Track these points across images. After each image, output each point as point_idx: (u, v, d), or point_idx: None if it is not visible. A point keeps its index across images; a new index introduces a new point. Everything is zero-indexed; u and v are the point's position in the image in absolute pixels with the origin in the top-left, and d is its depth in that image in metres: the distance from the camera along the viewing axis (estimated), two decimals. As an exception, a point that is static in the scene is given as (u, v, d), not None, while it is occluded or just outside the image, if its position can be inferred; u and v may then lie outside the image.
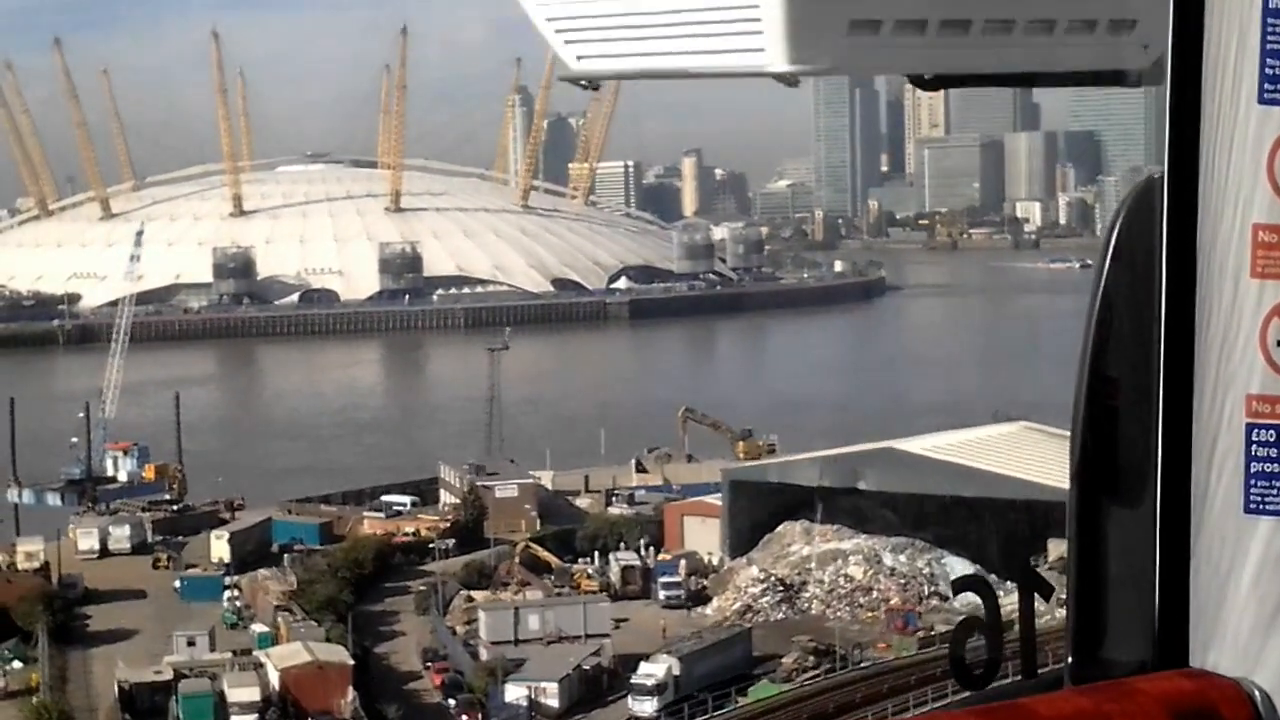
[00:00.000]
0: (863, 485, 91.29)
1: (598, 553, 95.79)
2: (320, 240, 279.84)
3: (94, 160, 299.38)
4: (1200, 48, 3.18)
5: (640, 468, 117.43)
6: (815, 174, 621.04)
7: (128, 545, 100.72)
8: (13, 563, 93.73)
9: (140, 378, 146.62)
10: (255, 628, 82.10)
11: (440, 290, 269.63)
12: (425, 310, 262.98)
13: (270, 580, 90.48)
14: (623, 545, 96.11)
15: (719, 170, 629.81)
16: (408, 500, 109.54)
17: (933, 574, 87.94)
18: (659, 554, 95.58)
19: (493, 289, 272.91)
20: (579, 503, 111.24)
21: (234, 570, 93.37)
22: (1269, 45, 3.15)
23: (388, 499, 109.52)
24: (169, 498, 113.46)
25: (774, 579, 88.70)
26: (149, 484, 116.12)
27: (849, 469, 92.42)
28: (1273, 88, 3.16)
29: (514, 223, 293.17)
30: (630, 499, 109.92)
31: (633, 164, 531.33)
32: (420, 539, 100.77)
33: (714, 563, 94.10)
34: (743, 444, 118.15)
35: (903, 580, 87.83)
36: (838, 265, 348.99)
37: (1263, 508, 3.24)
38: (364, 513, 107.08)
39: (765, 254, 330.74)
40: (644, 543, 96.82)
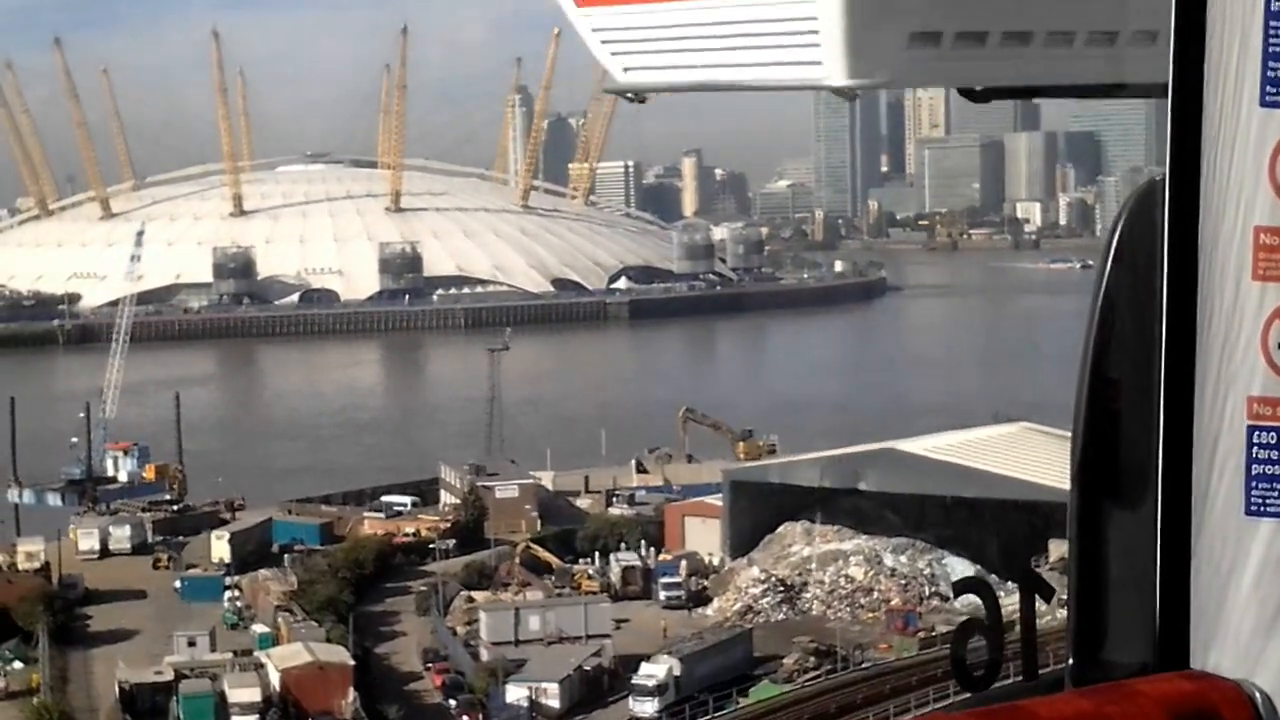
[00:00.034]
0: (863, 486, 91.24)
1: (598, 553, 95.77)
2: (320, 240, 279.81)
3: (94, 160, 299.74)
4: (1202, 50, 3.19)
5: (641, 468, 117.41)
6: (815, 174, 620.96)
7: (128, 545, 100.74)
8: (13, 563, 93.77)
9: (140, 378, 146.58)
10: (256, 628, 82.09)
11: (440, 290, 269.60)
12: (425, 310, 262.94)
13: (271, 581, 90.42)
14: (623, 546, 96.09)
15: (719, 170, 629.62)
16: (408, 501, 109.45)
17: (933, 574, 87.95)
18: (659, 554, 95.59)
19: (493, 289, 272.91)
20: (579, 503, 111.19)
21: (234, 570, 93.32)
22: (1271, 48, 3.15)
23: (388, 499, 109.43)
24: (169, 498, 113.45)
25: (775, 579, 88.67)
26: (149, 484, 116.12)
27: (850, 470, 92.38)
28: (1274, 90, 3.17)
29: (514, 223, 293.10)
30: (631, 499, 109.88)
31: (633, 164, 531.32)
32: (421, 539, 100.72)
33: (714, 563, 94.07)
34: (743, 444, 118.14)
35: (903, 581, 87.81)
36: (838, 265, 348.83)
37: (1264, 509, 3.26)
38: (364, 513, 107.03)
39: (765, 254, 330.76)
40: (644, 543, 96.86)
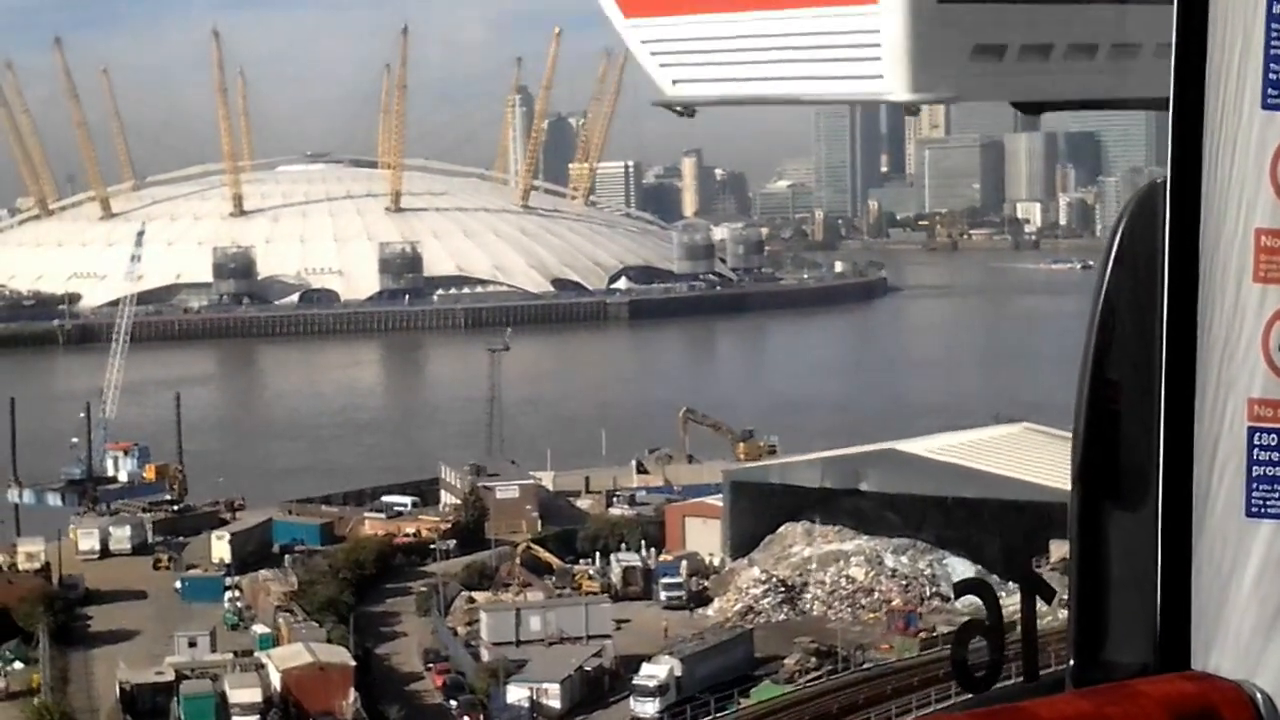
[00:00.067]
0: (864, 486, 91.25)
1: (599, 554, 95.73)
2: (320, 240, 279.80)
3: (94, 160, 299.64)
4: (1204, 52, 3.19)
5: (641, 469, 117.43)
6: (815, 174, 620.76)
7: (128, 546, 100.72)
8: (14, 563, 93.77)
9: (140, 378, 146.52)
10: (256, 628, 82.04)
11: (440, 290, 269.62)
12: (425, 310, 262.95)
13: (271, 581, 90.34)
14: (624, 546, 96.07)
15: (719, 170, 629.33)
16: (408, 501, 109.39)
17: (934, 575, 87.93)
18: (660, 555, 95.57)
19: (493, 289, 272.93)
20: (580, 504, 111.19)
21: (235, 571, 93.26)
22: (1272, 50, 3.15)
23: (388, 500, 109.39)
24: (170, 498, 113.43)
25: (775, 580, 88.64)
26: (149, 484, 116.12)
27: (850, 470, 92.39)
28: (1276, 93, 3.17)
29: (514, 223, 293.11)
30: (631, 500, 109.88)
31: (633, 164, 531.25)
32: (421, 540, 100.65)
33: (715, 564, 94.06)
34: (743, 445, 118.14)
35: (904, 581, 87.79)
36: (838, 266, 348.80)
37: (1264, 511, 3.28)
38: (365, 513, 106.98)
39: (765, 254, 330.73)
40: (645, 544, 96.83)
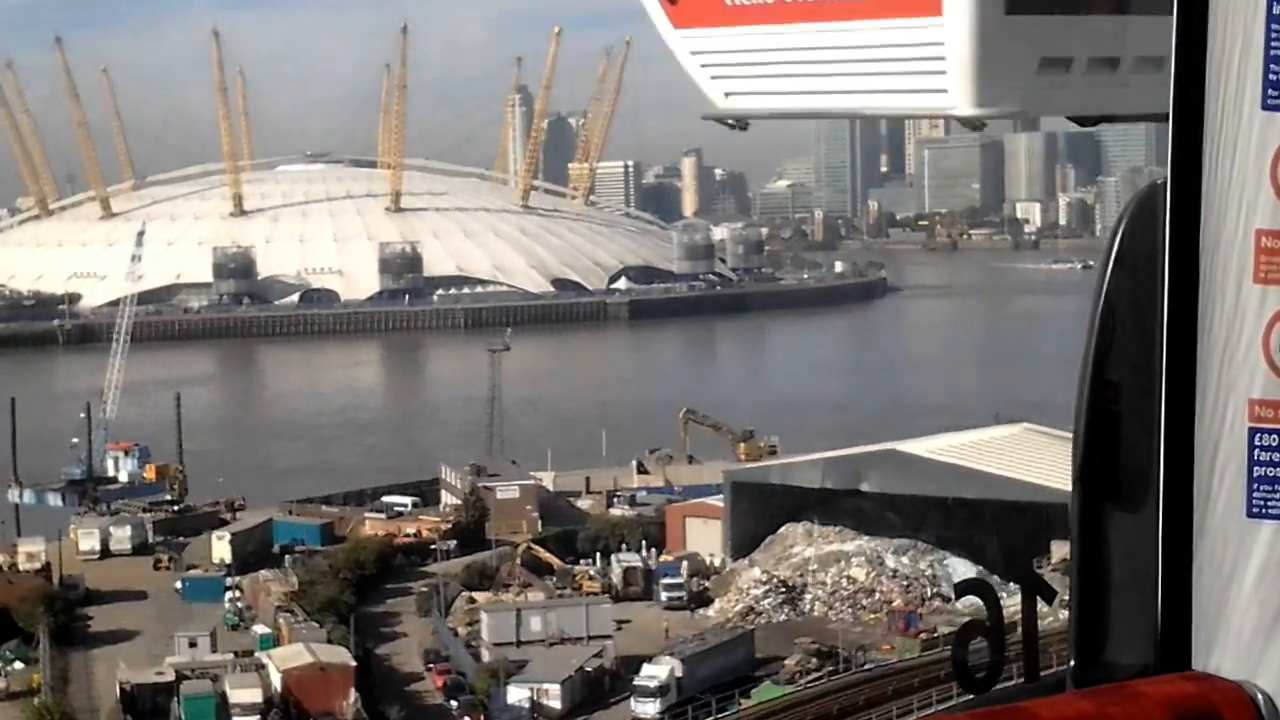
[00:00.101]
0: (865, 487, 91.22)
1: (599, 554, 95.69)
2: (320, 240, 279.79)
3: (94, 160, 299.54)
4: (1204, 53, 3.18)
5: (641, 469, 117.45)
6: (815, 174, 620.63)
7: (129, 546, 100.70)
8: (14, 563, 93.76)
9: (140, 378, 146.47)
10: (257, 629, 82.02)
11: (440, 290, 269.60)
12: (425, 310, 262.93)
13: (272, 581, 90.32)
14: (624, 547, 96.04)
15: (719, 170, 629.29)
16: (409, 501, 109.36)
17: (935, 576, 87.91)
18: (661, 555, 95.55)
19: (493, 289, 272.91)
20: (580, 504, 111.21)
21: (235, 571, 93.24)
22: (1273, 51, 3.15)
23: (389, 500, 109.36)
24: (170, 498, 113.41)
25: (776, 580, 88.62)
26: (150, 484, 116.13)
27: (851, 470, 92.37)
28: (1276, 94, 3.17)
29: (514, 223, 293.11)
30: (632, 500, 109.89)
31: (632, 164, 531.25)
32: (421, 540, 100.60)
33: (716, 564, 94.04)
34: (744, 445, 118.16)
35: (905, 582, 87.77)
36: (838, 266, 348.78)
37: (1265, 512, 3.28)
38: (365, 514, 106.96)
39: (765, 254, 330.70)
40: (645, 544, 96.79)
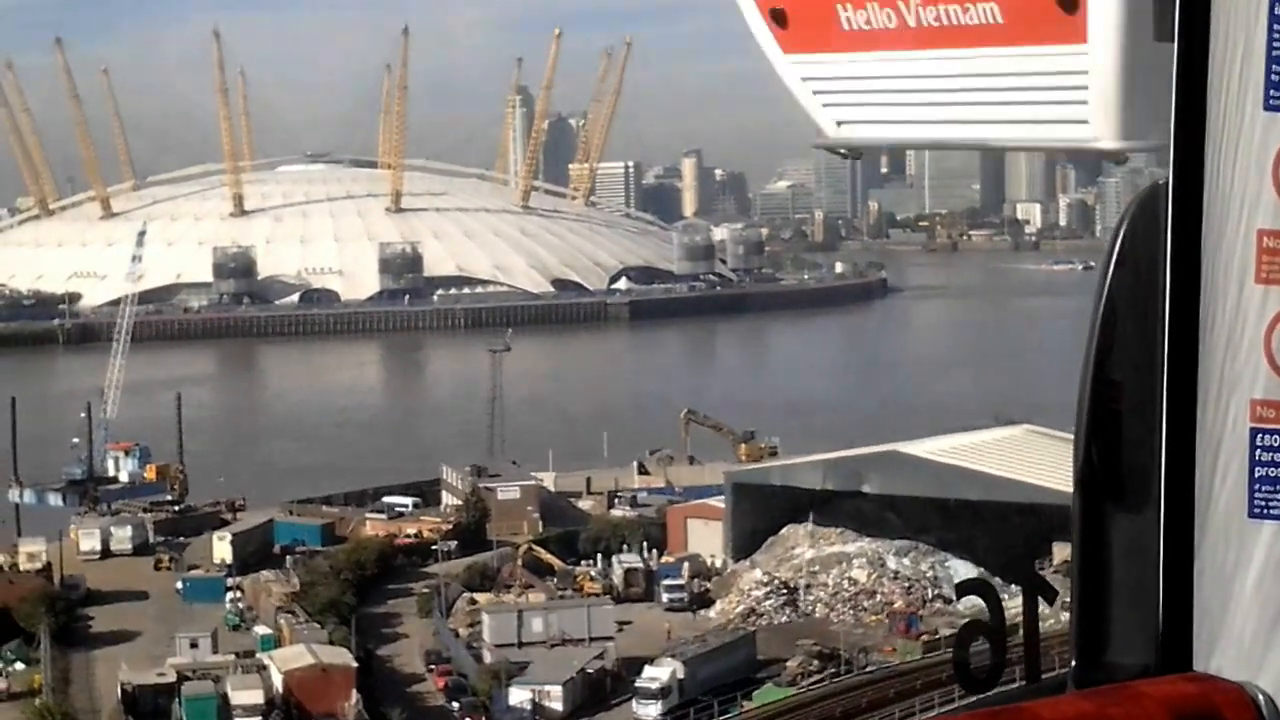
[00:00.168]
0: (866, 488, 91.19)
1: (600, 555, 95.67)
2: (321, 240, 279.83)
3: (94, 160, 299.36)
4: (1206, 53, 3.17)
5: (643, 470, 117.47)
6: (815, 175, 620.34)
7: (129, 546, 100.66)
8: (15, 563, 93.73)
9: (140, 377, 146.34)
10: (258, 629, 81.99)
11: (440, 290, 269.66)
12: (425, 310, 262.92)
13: (273, 582, 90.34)
14: (625, 547, 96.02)
15: (719, 171, 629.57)
16: (409, 502, 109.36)
17: (936, 577, 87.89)
18: (662, 556, 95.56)
19: (493, 289, 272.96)
20: (581, 505, 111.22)
21: (236, 572, 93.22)
22: (1274, 52, 3.14)
23: (389, 500, 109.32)
24: (170, 498, 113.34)
25: (777, 582, 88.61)
26: (150, 484, 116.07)
27: (852, 472, 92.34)
28: (1278, 94, 3.16)
29: (514, 223, 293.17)
30: (633, 501, 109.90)
31: (633, 164, 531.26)
32: (422, 541, 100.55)
33: (717, 565, 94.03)
34: (745, 446, 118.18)
35: (906, 583, 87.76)
36: (838, 266, 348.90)
37: (1267, 512, 3.28)
38: (366, 514, 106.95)
39: (765, 255, 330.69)
40: (646, 545, 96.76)
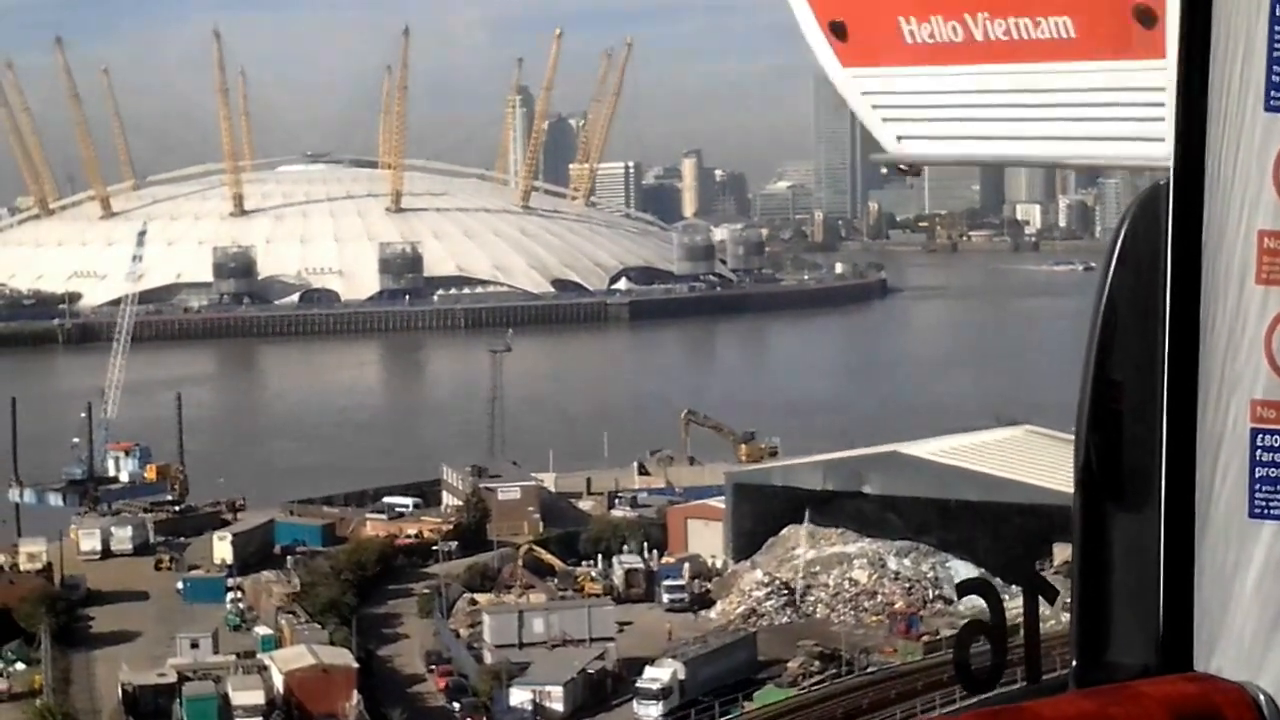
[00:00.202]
0: (867, 489, 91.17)
1: (601, 556, 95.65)
2: (321, 240, 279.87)
3: (94, 159, 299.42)
4: (1207, 54, 3.18)
5: (643, 470, 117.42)
6: (815, 175, 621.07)
7: (130, 546, 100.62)
8: (15, 564, 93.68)
9: (140, 377, 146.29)
10: (258, 630, 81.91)
11: (440, 290, 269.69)
12: (425, 310, 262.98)
13: (273, 582, 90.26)
14: (626, 548, 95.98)
15: (719, 171, 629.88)
16: (410, 502, 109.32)
17: (937, 578, 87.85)
18: (662, 557, 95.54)
19: (493, 289, 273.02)
20: (582, 505, 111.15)
21: (236, 572, 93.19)
22: (1275, 53, 3.15)
23: (390, 501, 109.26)
24: (171, 498, 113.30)
25: (778, 582, 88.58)
26: (150, 484, 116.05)
27: (853, 472, 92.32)
28: (1278, 95, 3.17)
29: (514, 223, 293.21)
30: (633, 501, 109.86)
31: (633, 165, 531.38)
32: (423, 541, 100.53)
33: (718, 566, 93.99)
34: (745, 447, 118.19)
35: (907, 584, 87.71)
36: (838, 267, 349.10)
37: (1267, 512, 3.29)
38: (366, 514, 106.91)
39: (765, 255, 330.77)
40: (647, 546, 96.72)
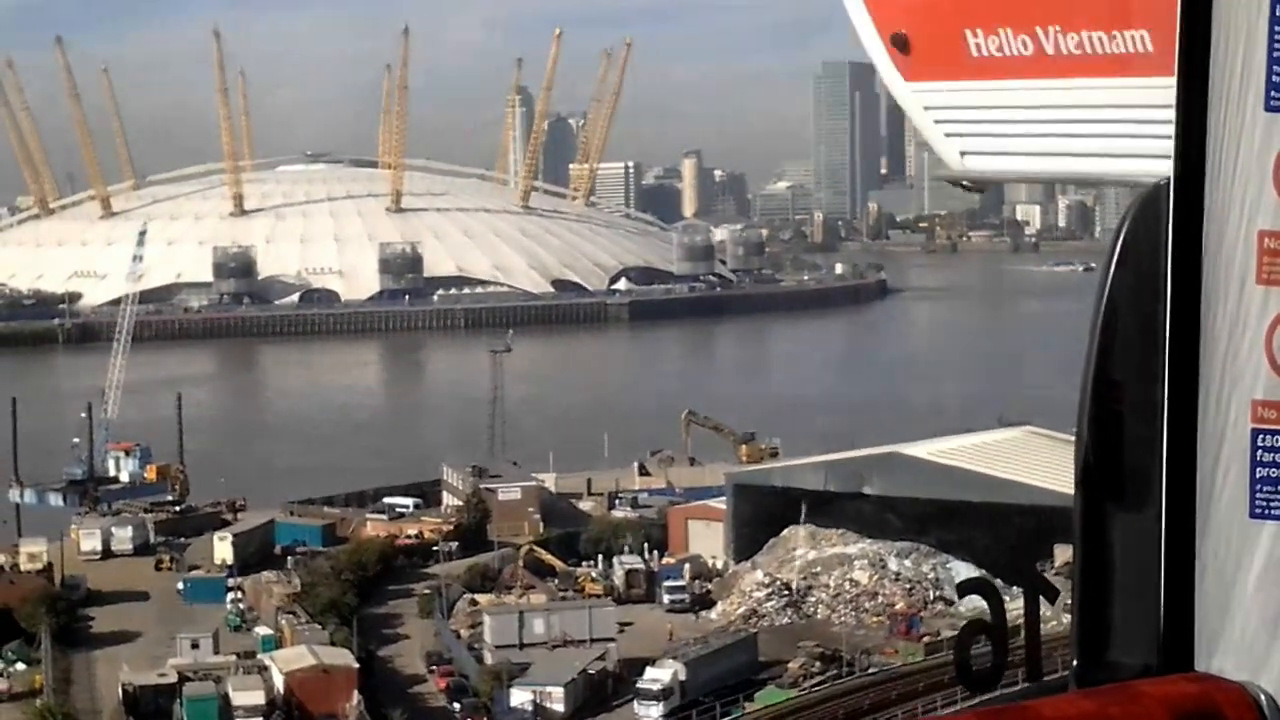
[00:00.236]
0: (868, 490, 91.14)
1: (601, 556, 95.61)
2: (321, 240, 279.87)
3: (94, 159, 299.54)
4: (1208, 55, 3.19)
5: (643, 470, 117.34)
6: (815, 176, 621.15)
7: (130, 546, 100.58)
8: (15, 564, 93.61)
9: (140, 377, 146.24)
10: (259, 630, 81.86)
11: (440, 290, 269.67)
12: (426, 311, 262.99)
13: (274, 583, 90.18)
14: (626, 549, 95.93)
15: (718, 171, 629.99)
16: (410, 502, 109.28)
17: (938, 579, 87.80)
18: (663, 558, 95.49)
19: (493, 289, 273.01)
20: (582, 506, 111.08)
21: (237, 572, 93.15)
22: (1275, 53, 3.15)
23: (390, 501, 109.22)
24: (171, 499, 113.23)
25: (779, 583, 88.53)
26: (151, 485, 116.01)
27: (854, 473, 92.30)
28: (1279, 94, 3.18)
29: (514, 223, 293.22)
30: (634, 502, 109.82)
31: (633, 165, 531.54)
32: (423, 541, 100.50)
33: (718, 567, 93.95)
34: (745, 447, 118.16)
35: (908, 585, 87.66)
36: (838, 268, 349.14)
37: (1268, 512, 3.29)
38: (367, 515, 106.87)
39: (765, 256, 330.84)
40: (647, 546, 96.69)
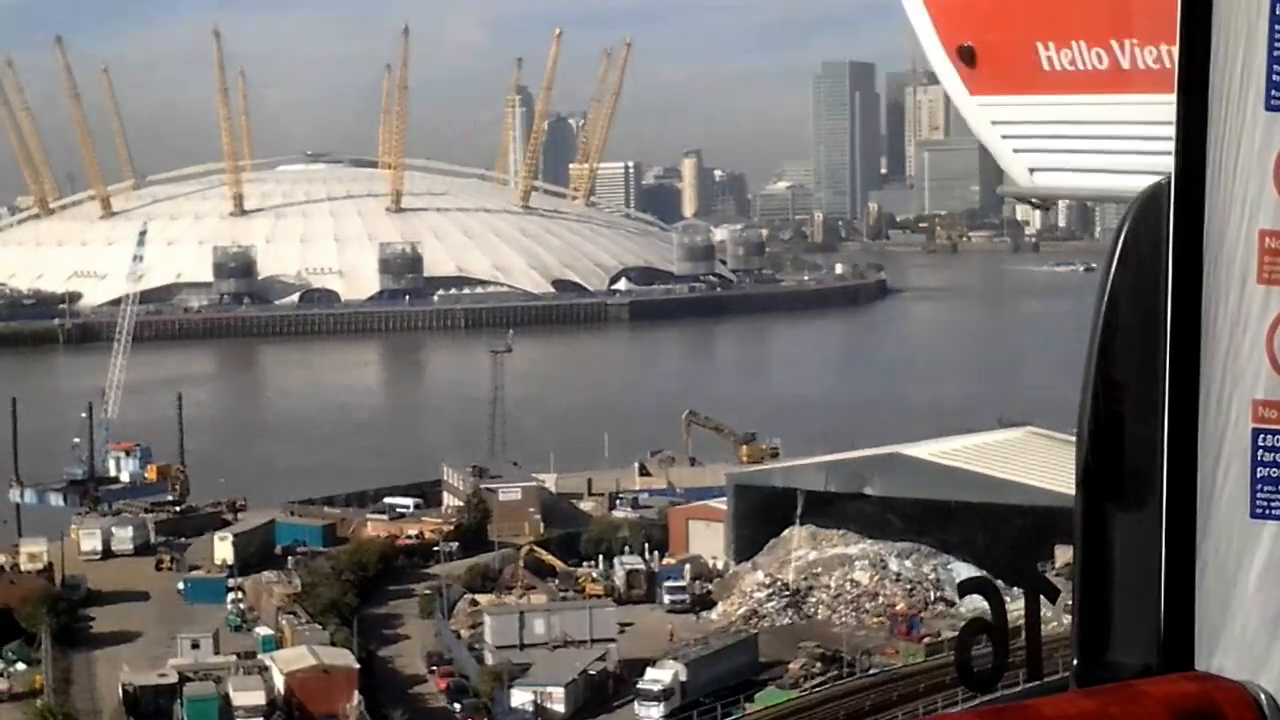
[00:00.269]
0: (869, 490, 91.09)
1: (602, 556, 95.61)
2: (321, 240, 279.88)
3: (94, 159, 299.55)
4: (1208, 54, 3.19)
5: (644, 471, 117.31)
6: (815, 176, 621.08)
7: (130, 546, 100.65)
8: (16, 564, 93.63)
9: (140, 377, 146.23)
10: (259, 630, 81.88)
11: (441, 290, 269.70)
12: (426, 311, 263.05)
13: (274, 583, 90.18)
14: (627, 549, 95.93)
15: (718, 171, 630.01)
16: (411, 503, 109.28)
17: (939, 579, 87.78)
18: (663, 558, 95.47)
19: (493, 290, 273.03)
20: (582, 506, 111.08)
21: (237, 572, 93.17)
22: (1276, 53, 3.15)
23: (391, 501, 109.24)
24: (171, 499, 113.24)
25: (779, 584, 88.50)
26: (151, 485, 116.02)
27: (855, 474, 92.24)
28: (1279, 94, 3.18)
29: (514, 223, 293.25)
30: (634, 502, 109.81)
31: (633, 165, 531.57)
32: (424, 542, 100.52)
33: (719, 567, 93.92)
34: (746, 448, 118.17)
35: (908, 586, 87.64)
36: (838, 268, 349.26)
37: (1269, 512, 3.29)
38: (367, 515, 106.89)
39: (765, 256, 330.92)
40: (648, 547, 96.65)
